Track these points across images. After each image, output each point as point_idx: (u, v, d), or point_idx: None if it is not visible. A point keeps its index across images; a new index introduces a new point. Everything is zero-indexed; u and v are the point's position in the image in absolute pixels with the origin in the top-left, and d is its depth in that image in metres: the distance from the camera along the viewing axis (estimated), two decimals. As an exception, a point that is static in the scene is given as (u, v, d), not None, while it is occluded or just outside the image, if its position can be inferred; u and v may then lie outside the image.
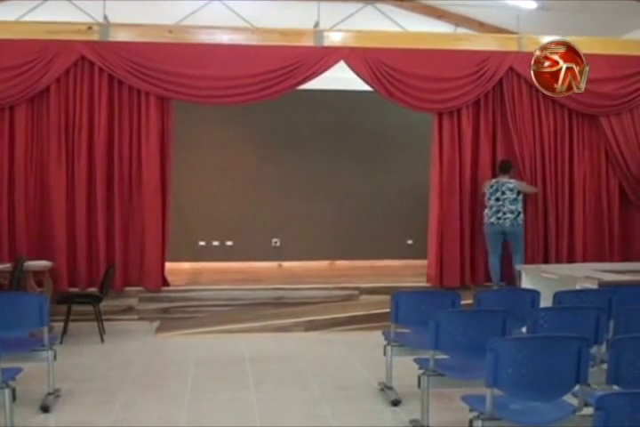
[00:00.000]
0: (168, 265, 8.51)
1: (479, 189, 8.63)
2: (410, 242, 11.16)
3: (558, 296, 4.87)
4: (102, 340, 7.02)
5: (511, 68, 8.63)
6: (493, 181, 8.41)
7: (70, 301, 7.12)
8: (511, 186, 8.37)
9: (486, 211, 8.41)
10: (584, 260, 8.63)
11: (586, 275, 5.76)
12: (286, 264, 11.04)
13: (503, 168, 8.48)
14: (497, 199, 8.32)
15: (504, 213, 8.29)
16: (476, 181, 8.73)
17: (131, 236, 8.18)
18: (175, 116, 8.43)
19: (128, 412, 4.81)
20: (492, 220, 8.33)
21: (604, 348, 4.22)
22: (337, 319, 7.69)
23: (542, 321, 4.21)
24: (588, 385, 3.53)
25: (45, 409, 4.74)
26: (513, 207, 8.32)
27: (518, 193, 8.38)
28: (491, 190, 8.36)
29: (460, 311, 4.75)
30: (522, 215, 8.40)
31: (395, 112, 9.95)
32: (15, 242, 7.91)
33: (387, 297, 5.32)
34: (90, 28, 8.12)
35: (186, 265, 10.50)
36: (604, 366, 3.68)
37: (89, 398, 5.11)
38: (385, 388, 5.20)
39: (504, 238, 8.42)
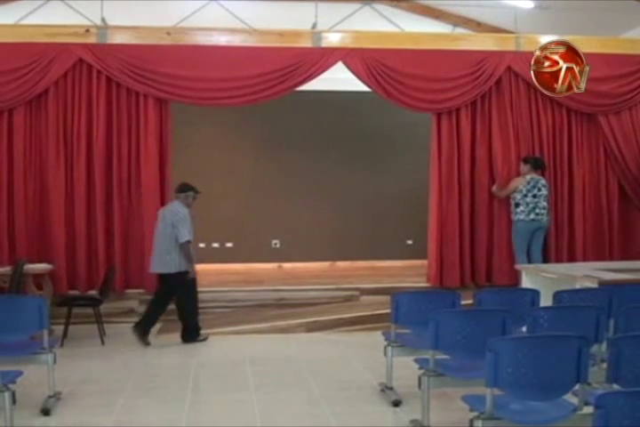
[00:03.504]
0: (168, 267, 8.50)
1: (507, 187, 8.49)
2: (410, 242, 11.16)
3: (558, 295, 4.88)
4: (103, 342, 7.02)
5: (509, 68, 8.63)
6: (528, 177, 8.36)
7: (70, 303, 7.12)
8: (544, 182, 8.41)
9: (521, 208, 8.31)
10: (584, 259, 8.63)
11: (585, 274, 5.75)
12: (286, 265, 11.04)
13: (538, 164, 8.46)
14: (534, 196, 8.30)
15: (540, 210, 8.32)
16: (474, 181, 8.72)
17: (130, 238, 8.18)
18: (173, 118, 8.43)
19: (129, 414, 4.81)
20: (532, 216, 8.28)
21: (604, 347, 4.22)
22: (337, 320, 7.69)
23: (542, 320, 4.21)
24: (589, 384, 3.54)
25: (46, 412, 4.75)
26: (545, 204, 8.38)
27: (548, 189, 8.43)
28: (528, 187, 8.32)
29: (459, 311, 4.75)
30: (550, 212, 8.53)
31: (394, 113, 9.94)
32: (15, 245, 7.91)
33: (387, 298, 5.32)
34: (87, 30, 8.11)
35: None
36: (605, 364, 3.68)
37: (89, 400, 5.12)
38: (385, 388, 5.20)
39: (533, 235, 8.42)
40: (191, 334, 7.13)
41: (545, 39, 8.33)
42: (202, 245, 11.07)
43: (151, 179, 8.13)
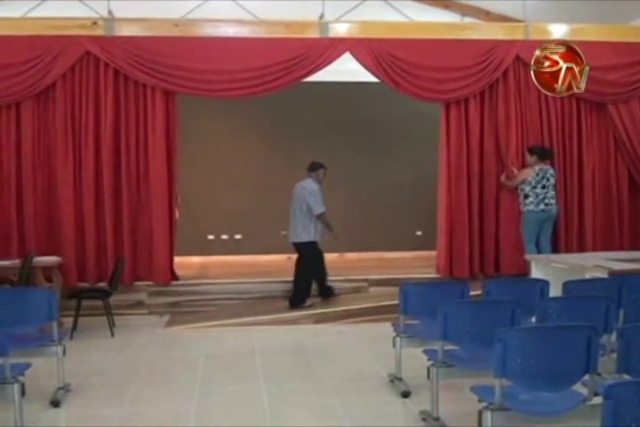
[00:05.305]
0: (177, 259, 8.53)
1: (515, 178, 8.44)
2: (419, 233, 11.15)
3: (568, 286, 4.86)
4: (112, 334, 7.06)
5: (518, 57, 8.57)
6: (537, 168, 8.32)
7: (80, 296, 7.15)
8: (552, 172, 8.38)
9: (530, 199, 8.27)
10: (594, 249, 8.60)
11: (595, 264, 5.73)
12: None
13: (544, 154, 8.41)
14: (543, 187, 8.27)
15: (549, 200, 8.30)
16: (483, 171, 8.68)
17: (139, 230, 8.19)
18: (181, 110, 8.43)
19: (138, 406, 4.82)
20: (541, 207, 8.25)
21: (613, 337, 4.19)
22: (346, 311, 7.69)
23: (552, 311, 4.20)
24: (598, 374, 3.51)
25: (56, 404, 4.76)
26: (554, 193, 8.37)
27: (555, 178, 8.41)
28: (537, 178, 8.28)
29: (468, 302, 4.75)
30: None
31: (402, 103, 9.90)
32: (24, 238, 7.94)
33: (396, 289, 5.30)
34: (95, 23, 8.10)
35: (195, 259, 10.52)
36: (614, 355, 3.66)
37: (99, 392, 5.14)
38: (394, 379, 5.19)
39: (542, 225, 8.39)
40: (297, 299, 7.86)
41: (553, 27, 8.30)
42: (211, 237, 11.13)
43: (159, 171, 8.13)
